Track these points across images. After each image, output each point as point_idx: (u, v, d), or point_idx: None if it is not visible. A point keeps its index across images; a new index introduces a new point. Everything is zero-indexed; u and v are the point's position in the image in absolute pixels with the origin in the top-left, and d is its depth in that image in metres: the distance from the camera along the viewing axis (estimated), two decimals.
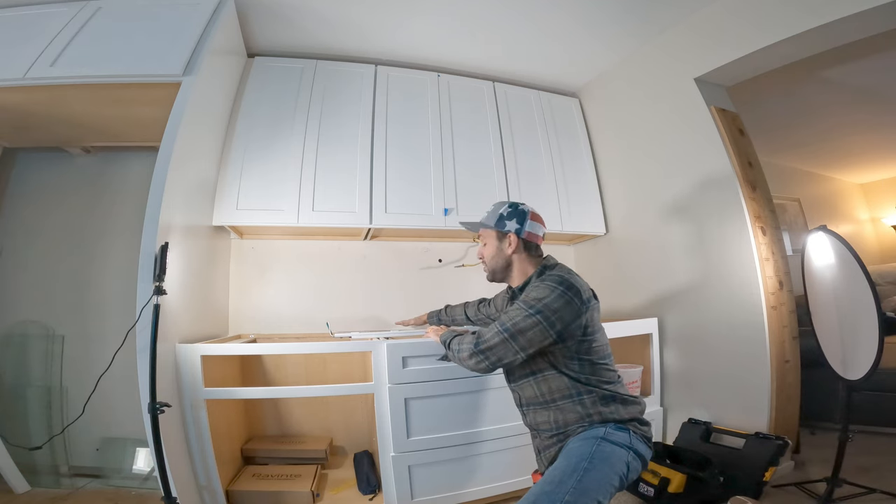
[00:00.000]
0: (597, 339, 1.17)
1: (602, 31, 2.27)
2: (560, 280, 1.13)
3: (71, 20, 1.73)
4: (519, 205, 1.33)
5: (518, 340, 1.09)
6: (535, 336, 1.09)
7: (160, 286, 1.37)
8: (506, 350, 1.12)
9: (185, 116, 1.58)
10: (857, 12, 1.55)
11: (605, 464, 1.02)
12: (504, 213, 1.31)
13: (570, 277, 1.15)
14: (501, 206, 1.34)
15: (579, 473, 0.98)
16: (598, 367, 1.16)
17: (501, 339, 1.11)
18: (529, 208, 1.32)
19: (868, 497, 1.63)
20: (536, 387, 1.20)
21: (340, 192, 2.11)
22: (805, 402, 1.97)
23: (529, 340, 1.09)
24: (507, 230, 1.29)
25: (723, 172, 1.99)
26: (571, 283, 1.12)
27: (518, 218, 1.29)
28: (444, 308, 1.92)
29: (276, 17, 2.09)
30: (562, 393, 1.15)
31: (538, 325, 1.08)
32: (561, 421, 1.15)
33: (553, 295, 1.09)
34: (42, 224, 2.16)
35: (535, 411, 1.22)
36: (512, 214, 1.30)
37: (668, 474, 1.71)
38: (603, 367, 1.17)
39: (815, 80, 2.60)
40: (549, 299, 1.09)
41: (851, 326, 1.67)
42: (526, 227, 1.28)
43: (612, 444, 1.06)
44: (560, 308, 1.08)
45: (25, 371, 2.03)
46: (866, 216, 4.82)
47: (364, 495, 1.75)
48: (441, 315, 1.92)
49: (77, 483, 1.92)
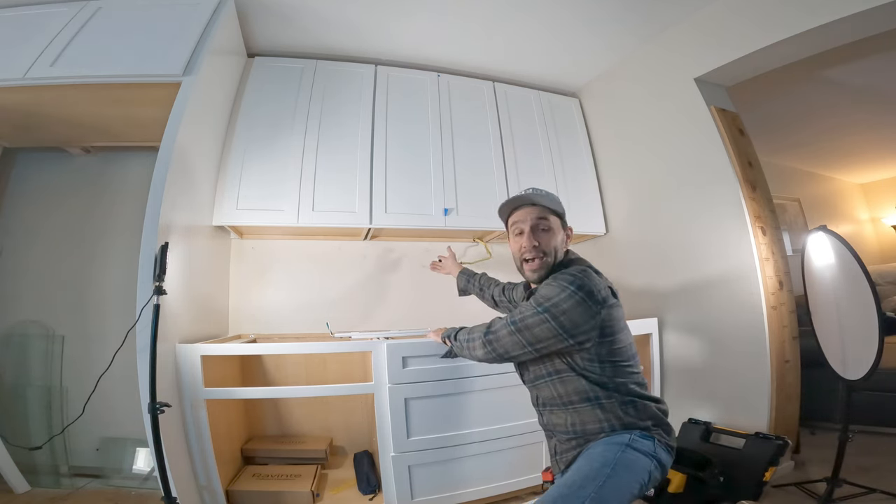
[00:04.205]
0: (618, 339, 1.10)
1: (602, 30, 2.27)
2: (572, 279, 1.06)
3: (71, 20, 1.73)
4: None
5: (524, 335, 1.06)
6: (541, 333, 1.05)
7: (160, 286, 1.37)
8: (513, 343, 1.09)
9: (185, 116, 1.58)
10: (857, 12, 1.55)
11: (627, 471, 0.97)
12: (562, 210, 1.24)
13: (582, 276, 1.07)
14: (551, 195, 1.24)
15: (601, 480, 0.94)
16: (621, 369, 1.09)
17: (508, 331, 1.09)
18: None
19: (868, 497, 1.63)
20: (554, 388, 1.14)
21: (340, 192, 2.11)
22: (805, 402, 1.97)
23: (536, 336, 1.05)
24: (566, 223, 1.24)
25: (723, 172, 1.99)
26: (583, 282, 1.05)
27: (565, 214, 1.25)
28: (482, 274, 1.85)
29: (276, 16, 2.08)
30: (580, 396, 1.09)
31: (545, 323, 1.03)
32: (579, 425, 1.10)
33: (563, 294, 1.03)
34: (42, 224, 2.16)
35: (551, 412, 1.17)
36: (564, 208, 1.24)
37: (668, 474, 1.71)
38: (626, 370, 1.10)
39: (815, 80, 2.60)
40: (559, 298, 1.03)
41: (851, 326, 1.67)
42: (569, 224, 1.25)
43: (636, 452, 1.01)
44: (569, 309, 1.02)
45: (25, 371, 2.03)
46: (866, 216, 4.82)
47: (364, 495, 1.76)
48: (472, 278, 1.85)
49: (77, 483, 1.92)
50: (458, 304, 2.56)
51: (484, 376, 1.72)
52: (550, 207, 1.20)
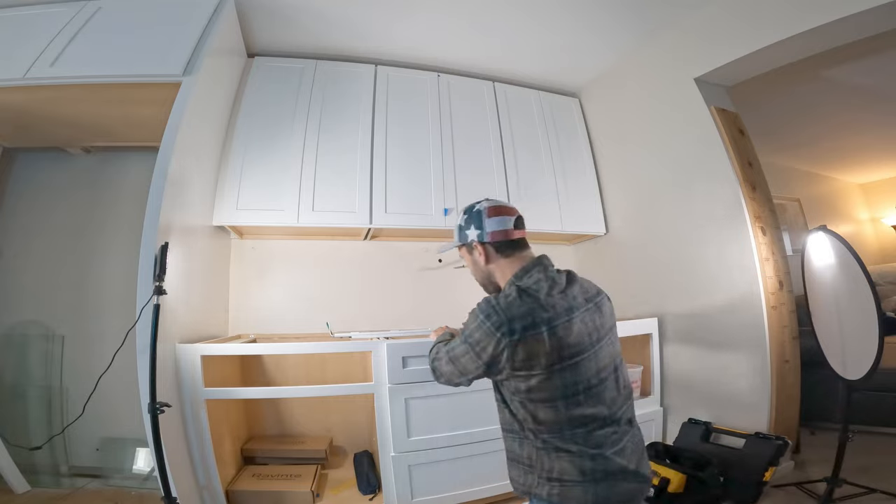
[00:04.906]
0: (540, 377, 0.89)
1: (602, 30, 2.27)
2: (485, 306, 0.95)
3: (71, 20, 1.73)
4: (474, 206, 1.12)
5: (457, 364, 1.01)
6: (467, 364, 0.98)
7: (160, 286, 1.37)
8: (450, 372, 1.05)
9: (185, 116, 1.58)
10: (857, 12, 1.55)
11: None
12: (462, 224, 1.12)
13: (495, 305, 0.93)
14: (460, 217, 1.15)
15: None
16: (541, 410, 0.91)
17: (446, 360, 1.05)
18: (486, 204, 1.10)
19: (868, 497, 1.63)
20: (498, 412, 1.06)
21: (340, 192, 2.11)
22: (805, 402, 1.97)
23: (465, 367, 1.00)
24: (470, 240, 1.09)
25: (723, 172, 1.99)
26: (492, 312, 0.92)
27: (475, 222, 1.08)
28: None
29: (276, 16, 2.08)
30: (506, 426, 1.02)
31: (467, 354, 0.97)
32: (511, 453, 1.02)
33: (474, 324, 0.95)
34: (42, 224, 2.16)
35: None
36: (469, 220, 1.10)
37: (668, 474, 1.72)
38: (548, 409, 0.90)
39: (815, 80, 2.60)
40: (472, 328, 0.96)
41: (851, 326, 1.67)
42: (486, 228, 1.06)
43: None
44: (481, 339, 0.93)
45: (25, 371, 2.03)
46: (866, 216, 4.82)
47: (364, 495, 1.75)
48: None
49: (77, 483, 1.92)
50: (459, 305, 2.57)
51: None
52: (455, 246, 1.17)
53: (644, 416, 2.11)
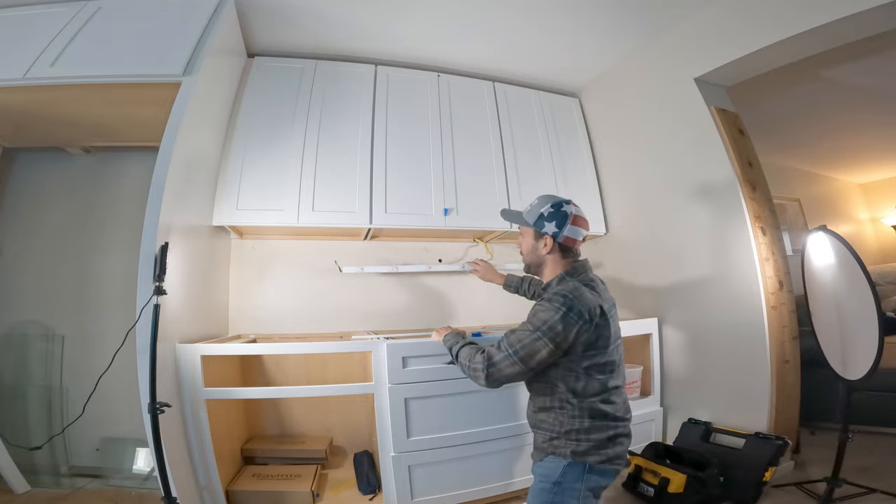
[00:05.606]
0: (600, 354, 1.13)
1: (602, 30, 2.26)
2: (563, 300, 1.10)
3: (71, 20, 1.73)
4: (563, 205, 1.24)
5: (528, 363, 1.11)
6: (544, 358, 1.10)
7: (160, 286, 1.37)
8: (517, 372, 1.13)
9: (185, 116, 1.58)
10: (857, 12, 1.55)
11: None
12: (545, 213, 1.24)
13: (574, 298, 1.10)
14: (544, 203, 1.26)
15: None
16: (593, 380, 1.13)
17: (511, 361, 1.12)
18: (573, 210, 1.24)
19: (868, 497, 1.63)
20: (530, 386, 1.25)
21: (340, 192, 2.11)
22: (805, 402, 1.97)
23: (539, 362, 1.11)
24: (544, 232, 1.23)
25: (723, 172, 1.99)
26: (574, 304, 1.09)
27: (558, 221, 1.22)
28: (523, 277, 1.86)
29: (276, 16, 2.08)
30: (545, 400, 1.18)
31: (546, 347, 1.08)
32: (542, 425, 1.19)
33: (556, 316, 1.08)
34: (42, 224, 2.16)
35: (529, 406, 1.27)
36: (553, 216, 1.22)
37: (668, 474, 1.72)
38: (597, 381, 1.13)
39: (815, 80, 2.60)
40: (553, 321, 1.08)
41: (851, 326, 1.67)
42: (565, 232, 1.21)
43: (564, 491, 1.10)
44: (563, 330, 1.08)
45: (25, 371, 2.03)
46: (866, 216, 4.82)
47: (364, 495, 1.75)
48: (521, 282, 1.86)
49: (77, 483, 1.92)
50: (459, 304, 2.57)
51: None
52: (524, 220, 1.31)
53: (644, 416, 2.12)
